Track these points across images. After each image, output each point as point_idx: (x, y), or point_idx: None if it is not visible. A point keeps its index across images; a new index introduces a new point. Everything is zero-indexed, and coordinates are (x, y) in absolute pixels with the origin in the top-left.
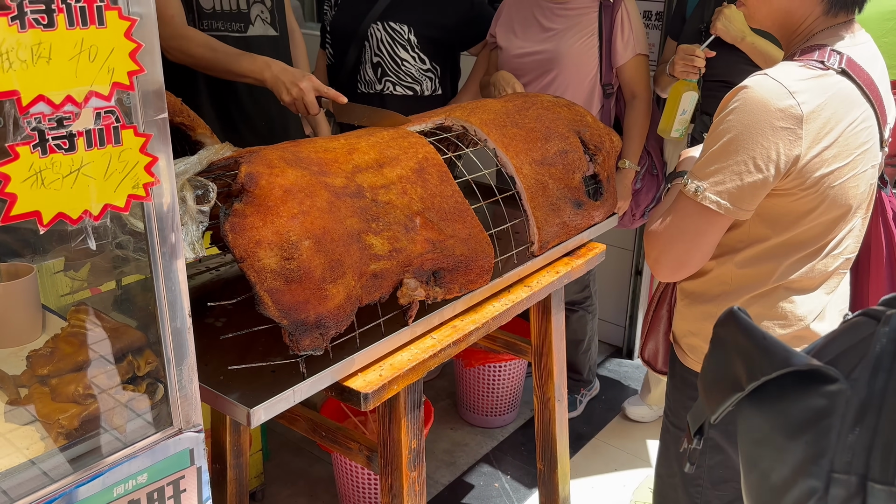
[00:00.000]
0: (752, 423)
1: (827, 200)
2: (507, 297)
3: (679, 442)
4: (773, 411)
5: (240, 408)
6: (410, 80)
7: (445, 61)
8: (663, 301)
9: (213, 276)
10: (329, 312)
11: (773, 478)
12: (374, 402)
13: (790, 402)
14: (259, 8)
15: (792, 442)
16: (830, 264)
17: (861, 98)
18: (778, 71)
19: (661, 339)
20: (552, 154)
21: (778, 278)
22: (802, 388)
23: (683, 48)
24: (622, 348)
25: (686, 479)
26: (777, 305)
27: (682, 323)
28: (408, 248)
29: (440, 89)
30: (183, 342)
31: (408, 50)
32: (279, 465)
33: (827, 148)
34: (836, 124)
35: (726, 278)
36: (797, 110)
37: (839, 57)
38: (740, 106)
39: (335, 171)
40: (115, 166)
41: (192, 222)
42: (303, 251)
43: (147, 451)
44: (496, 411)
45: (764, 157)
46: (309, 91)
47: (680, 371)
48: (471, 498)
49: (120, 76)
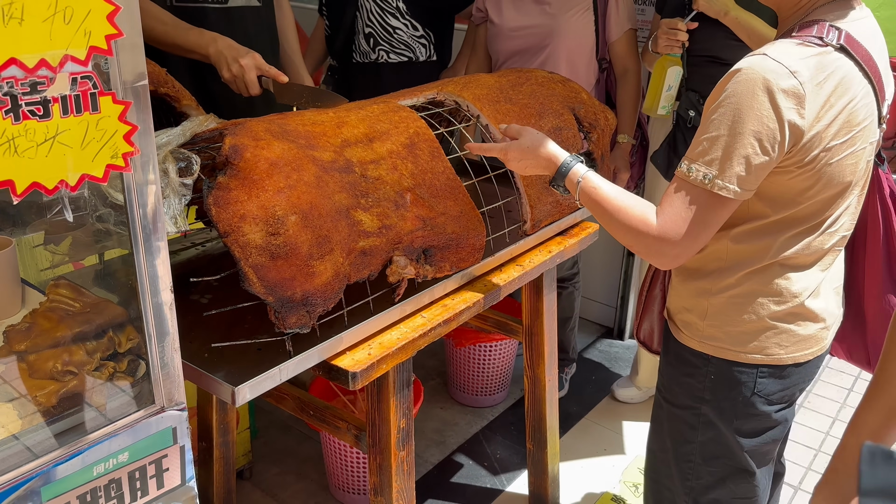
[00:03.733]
0: None
1: (825, 178)
2: (498, 276)
3: (671, 419)
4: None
5: (224, 386)
6: (404, 48)
7: (438, 27)
8: (657, 280)
9: (198, 252)
10: (316, 289)
11: None
12: (362, 381)
13: None
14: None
15: None
16: (826, 241)
17: (860, 75)
18: (777, 50)
19: (656, 318)
20: (546, 131)
21: (774, 254)
22: None
23: (666, 22)
24: (613, 329)
25: (678, 456)
26: (772, 282)
27: (677, 299)
28: (398, 224)
29: (435, 55)
30: (164, 318)
31: (398, 17)
32: (267, 443)
33: (828, 126)
34: (836, 102)
35: (721, 254)
36: (799, 90)
37: (838, 33)
38: (741, 87)
39: (323, 144)
40: (93, 134)
41: (175, 195)
42: (289, 226)
43: (128, 430)
44: (486, 391)
45: (770, 138)
46: (250, 69)
47: (674, 347)
48: (460, 477)
49: (97, 40)
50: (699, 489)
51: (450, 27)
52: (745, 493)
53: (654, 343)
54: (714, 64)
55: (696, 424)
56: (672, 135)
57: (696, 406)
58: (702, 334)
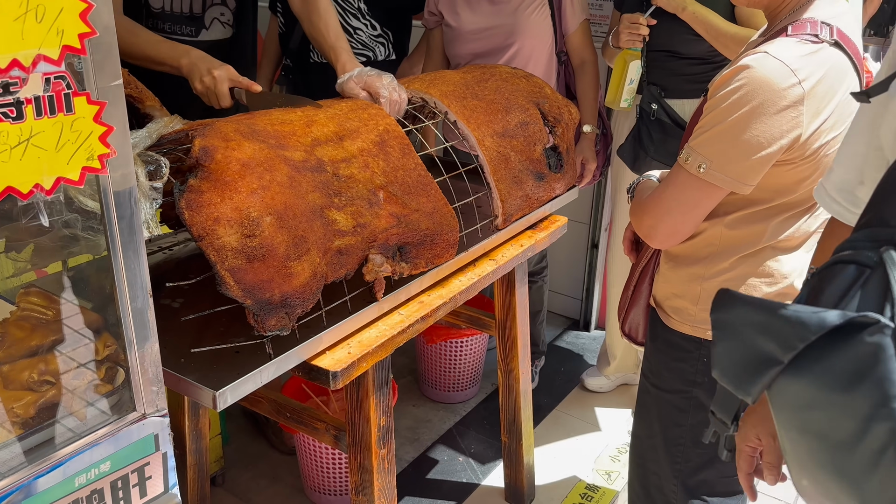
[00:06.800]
0: (793, 392)
1: (821, 167)
2: (472, 270)
3: (660, 403)
4: (816, 373)
5: (205, 390)
6: (362, 47)
7: (397, 26)
8: (645, 275)
9: (165, 257)
10: (295, 291)
11: (836, 435)
12: (343, 380)
13: (833, 358)
14: (218, 10)
15: (849, 394)
16: (813, 224)
17: (851, 68)
18: (778, 49)
19: (643, 312)
20: (513, 126)
21: (767, 238)
22: (841, 341)
23: (627, 17)
24: (579, 321)
25: (667, 439)
26: (764, 264)
27: (666, 286)
28: (372, 223)
29: (393, 54)
30: (145, 322)
31: (359, 18)
32: (239, 448)
33: (825, 120)
34: (833, 96)
35: (714, 240)
36: (799, 88)
37: (829, 29)
38: (744, 85)
39: (293, 144)
40: (68, 136)
41: (145, 199)
42: (265, 228)
43: (109, 439)
44: (458, 386)
45: (768, 136)
46: (222, 80)
47: (662, 333)
48: (435, 473)
49: (70, 39)
50: (688, 471)
51: (408, 25)
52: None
53: (640, 335)
54: (673, 58)
55: (686, 408)
56: (636, 128)
57: (687, 390)
58: (694, 319)
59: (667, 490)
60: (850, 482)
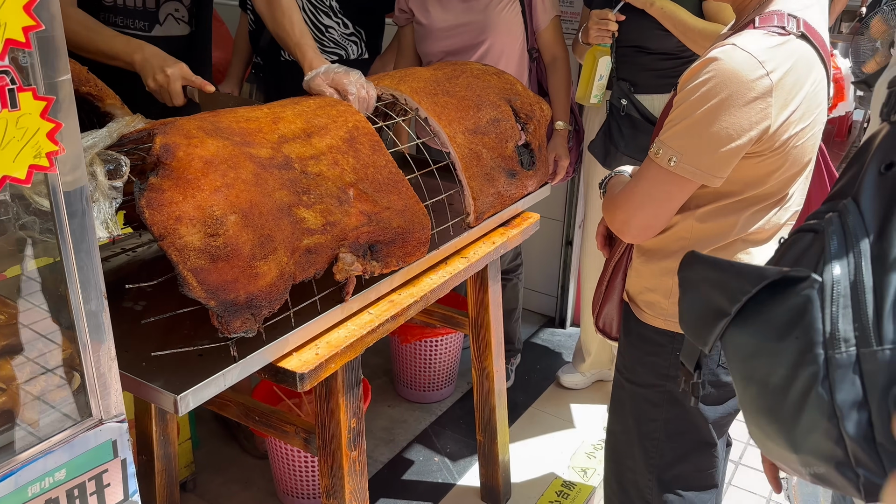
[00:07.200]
0: (740, 343)
1: (791, 159)
2: (444, 269)
3: (634, 398)
4: (757, 324)
5: (165, 395)
6: (334, 46)
7: (369, 24)
8: (618, 270)
9: (128, 259)
10: (260, 291)
11: (772, 381)
12: (310, 382)
13: (771, 310)
14: (172, 6)
15: (783, 342)
16: (783, 216)
17: (818, 59)
18: (745, 41)
19: (616, 307)
20: (485, 123)
21: (738, 231)
22: (779, 295)
23: (596, 13)
24: (554, 318)
25: (642, 434)
26: (735, 257)
27: (639, 280)
28: (342, 221)
29: (366, 53)
30: (99, 326)
31: (331, 16)
32: (210, 452)
33: (793, 112)
34: (801, 88)
35: (685, 233)
36: (767, 80)
37: (796, 21)
38: (713, 77)
39: (260, 141)
40: (13, 133)
41: (105, 199)
42: (229, 226)
43: (65, 445)
44: (433, 386)
45: (737, 128)
46: (175, 79)
47: (636, 328)
48: (411, 474)
49: (13, 32)
50: (662, 466)
51: (380, 24)
52: (707, 465)
53: (614, 331)
54: (642, 53)
55: (660, 402)
56: (607, 123)
57: (661, 384)
58: (667, 312)
59: (642, 485)
60: (781, 425)
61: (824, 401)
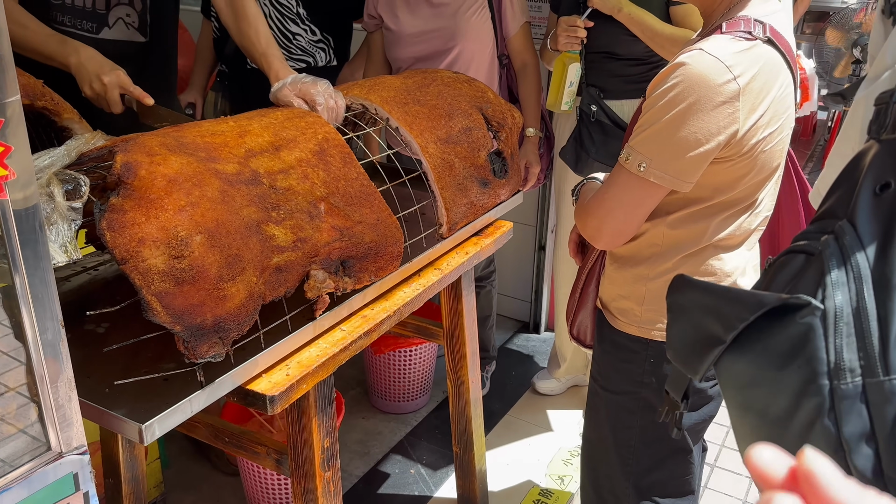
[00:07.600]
0: (737, 371)
1: (759, 164)
2: (417, 281)
3: (609, 405)
4: (756, 351)
5: (130, 424)
6: (301, 53)
7: (337, 31)
8: (591, 277)
9: (90, 277)
10: (229, 314)
11: (772, 411)
12: (281, 404)
13: (770, 337)
14: (124, 10)
15: (784, 371)
16: (753, 222)
17: (783, 64)
18: (713, 46)
19: (590, 314)
20: (457, 132)
21: (709, 237)
22: (778, 322)
23: (564, 20)
24: (529, 323)
25: (618, 441)
26: (707, 263)
27: (612, 287)
28: (313, 236)
29: (335, 60)
30: (57, 356)
31: (298, 24)
32: (180, 471)
33: (761, 116)
34: (768, 93)
35: (657, 240)
36: (735, 84)
37: (762, 26)
38: (680, 82)
39: (226, 156)
40: None
41: (63, 221)
42: (194, 248)
43: (23, 481)
44: (408, 396)
45: (705, 133)
46: (113, 87)
47: (609, 335)
48: (387, 487)
49: None
50: (639, 473)
51: (348, 30)
52: (683, 472)
53: (588, 338)
54: (611, 59)
55: (635, 409)
56: (577, 130)
57: (635, 391)
58: (640, 319)
59: (619, 492)
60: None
61: (831, 433)
